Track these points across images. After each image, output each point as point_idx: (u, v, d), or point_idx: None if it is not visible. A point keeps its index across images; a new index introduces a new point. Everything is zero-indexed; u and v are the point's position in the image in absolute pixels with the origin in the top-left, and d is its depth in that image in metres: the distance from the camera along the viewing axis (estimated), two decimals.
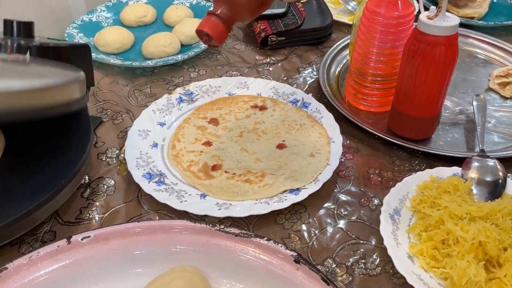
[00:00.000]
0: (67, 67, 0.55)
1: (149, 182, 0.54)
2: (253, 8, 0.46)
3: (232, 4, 0.45)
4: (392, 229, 0.49)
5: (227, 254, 0.46)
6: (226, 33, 0.47)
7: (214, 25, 0.45)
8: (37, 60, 0.53)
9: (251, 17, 0.48)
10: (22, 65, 0.50)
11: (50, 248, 0.44)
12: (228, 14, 0.45)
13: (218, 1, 0.46)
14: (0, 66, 0.48)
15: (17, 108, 0.43)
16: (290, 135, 0.63)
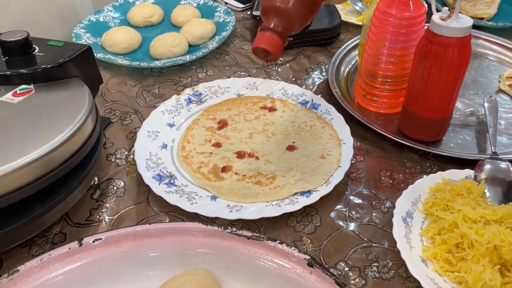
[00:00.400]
0: (74, 93, 0.55)
1: (159, 183, 0.54)
2: (304, 15, 0.46)
3: (283, 15, 0.45)
4: (405, 232, 0.49)
5: (239, 257, 0.45)
6: (283, 46, 0.46)
7: (270, 39, 0.45)
8: (41, 91, 0.54)
9: (303, 25, 0.47)
10: (33, 113, 0.51)
11: (62, 250, 0.44)
12: (281, 26, 0.45)
13: (269, 15, 0.46)
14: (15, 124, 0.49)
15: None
16: (300, 137, 0.62)
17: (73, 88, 0.56)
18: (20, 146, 0.46)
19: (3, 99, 0.52)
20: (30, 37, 0.57)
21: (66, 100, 0.53)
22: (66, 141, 0.48)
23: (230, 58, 0.82)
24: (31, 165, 0.45)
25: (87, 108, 0.52)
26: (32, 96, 0.53)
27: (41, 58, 0.57)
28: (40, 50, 0.58)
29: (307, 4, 0.45)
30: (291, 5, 0.45)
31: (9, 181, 0.44)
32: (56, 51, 0.58)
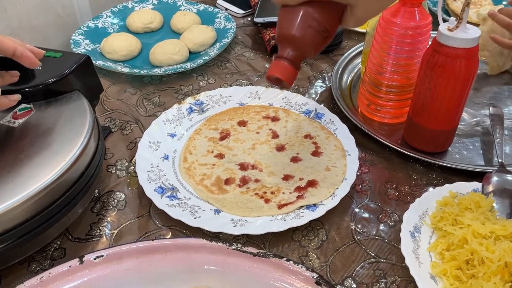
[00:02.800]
0: (74, 111, 0.53)
1: (162, 196, 0.53)
2: (318, 43, 0.46)
3: (298, 45, 0.45)
4: (413, 248, 0.48)
5: (245, 275, 0.44)
6: (296, 74, 0.46)
7: (284, 68, 0.45)
8: (41, 110, 0.53)
9: (317, 52, 0.47)
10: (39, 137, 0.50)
11: (62, 268, 0.43)
12: (295, 54, 0.45)
13: (284, 43, 0.46)
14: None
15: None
16: (304, 148, 0.61)
17: (73, 104, 0.54)
18: (26, 177, 0.45)
19: (3, 122, 0.51)
20: None
21: (66, 119, 0.52)
22: (71, 166, 0.47)
23: (231, 65, 0.81)
24: (37, 197, 0.44)
25: (89, 126, 0.51)
26: (33, 117, 0.52)
27: (40, 72, 0.55)
28: None
29: (320, 32, 0.45)
30: (304, 34, 0.45)
31: (16, 215, 0.43)
32: (55, 63, 0.57)
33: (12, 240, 0.44)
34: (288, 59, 0.45)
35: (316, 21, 0.44)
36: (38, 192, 0.44)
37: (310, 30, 0.45)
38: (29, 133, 0.50)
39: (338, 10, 0.45)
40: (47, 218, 0.46)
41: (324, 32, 0.45)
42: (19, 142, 0.49)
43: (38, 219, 0.45)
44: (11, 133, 0.50)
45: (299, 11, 0.45)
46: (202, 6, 0.94)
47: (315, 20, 0.44)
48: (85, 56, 0.58)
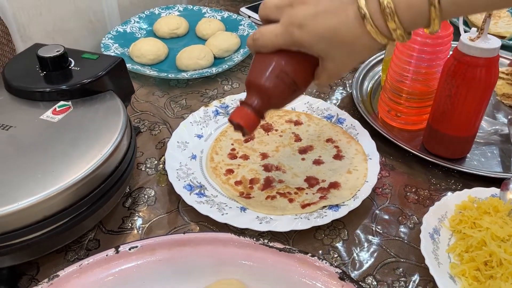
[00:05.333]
0: (109, 109, 0.56)
1: (190, 193, 0.55)
2: (285, 96, 0.45)
3: (264, 94, 0.44)
4: (432, 248, 0.50)
5: (270, 269, 0.46)
6: (258, 123, 0.46)
7: (246, 115, 0.45)
8: (78, 107, 0.55)
9: (284, 105, 0.47)
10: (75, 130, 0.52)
11: (99, 256, 0.45)
12: (261, 105, 0.45)
13: (251, 92, 0.45)
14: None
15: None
16: (326, 151, 0.63)
17: (108, 103, 0.57)
18: (64, 168, 0.47)
19: (44, 118, 0.53)
20: (66, 51, 0.58)
21: (102, 117, 0.54)
22: (106, 160, 0.49)
23: None
24: (74, 187, 0.46)
25: (122, 124, 0.53)
26: (70, 113, 0.54)
27: (78, 72, 0.58)
28: (75, 64, 0.59)
29: (287, 85, 0.44)
30: (272, 85, 0.44)
31: (55, 203, 0.45)
32: (91, 64, 0.59)
33: (51, 227, 0.46)
34: (253, 107, 0.45)
35: (284, 73, 0.43)
36: (75, 183, 0.46)
37: (278, 82, 0.43)
38: (67, 128, 0.53)
39: (309, 63, 0.44)
40: (83, 208, 0.48)
41: (292, 85, 0.44)
42: (58, 136, 0.52)
43: (75, 209, 0.47)
44: (51, 127, 0.53)
45: (269, 60, 0.44)
46: (226, 14, 0.97)
47: (284, 72, 0.43)
48: (120, 59, 0.61)
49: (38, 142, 0.51)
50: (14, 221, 0.44)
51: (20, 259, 0.47)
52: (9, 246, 0.44)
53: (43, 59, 0.57)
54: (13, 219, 0.44)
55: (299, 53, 0.43)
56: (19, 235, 0.44)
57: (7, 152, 0.49)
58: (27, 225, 0.44)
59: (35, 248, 0.47)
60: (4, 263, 0.47)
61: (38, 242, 0.46)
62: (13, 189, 0.44)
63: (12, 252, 0.45)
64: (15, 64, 0.60)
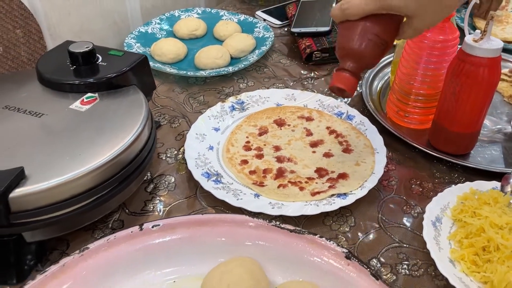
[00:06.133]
0: (132, 102, 0.60)
1: (208, 180, 0.59)
2: (377, 54, 0.50)
3: (358, 57, 0.49)
4: (434, 235, 0.53)
5: (282, 248, 0.50)
6: (357, 83, 0.51)
7: (345, 79, 0.50)
8: (104, 99, 0.59)
9: (376, 62, 0.52)
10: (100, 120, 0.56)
11: (125, 232, 0.49)
12: (356, 66, 0.50)
13: (345, 57, 0.50)
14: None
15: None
16: (335, 145, 0.67)
17: (131, 96, 0.61)
18: (90, 153, 0.51)
19: (73, 107, 0.58)
20: (94, 47, 0.62)
21: (125, 109, 0.58)
22: (128, 147, 0.53)
23: (268, 70, 0.88)
24: (99, 170, 0.50)
25: (144, 116, 0.57)
26: (97, 104, 0.59)
27: (104, 67, 0.62)
28: (103, 59, 0.63)
29: (378, 45, 0.49)
30: (364, 47, 0.49)
31: (81, 184, 0.49)
32: (117, 60, 0.64)
33: (78, 206, 0.50)
34: (349, 70, 0.50)
35: (375, 35, 0.48)
36: (99, 166, 0.50)
37: (370, 43, 0.48)
38: (93, 117, 0.57)
39: (395, 22, 0.49)
40: (106, 190, 0.52)
41: (382, 44, 0.49)
42: (85, 124, 0.56)
43: (99, 190, 0.51)
44: (79, 116, 0.57)
45: (359, 26, 0.48)
46: (242, 17, 1.01)
47: (374, 34, 0.48)
48: (143, 56, 0.66)
49: (67, 128, 0.55)
50: (45, 198, 0.48)
51: (50, 234, 0.52)
52: (40, 221, 0.48)
53: (74, 54, 0.62)
54: (44, 196, 0.47)
55: (386, 15, 0.47)
56: (49, 211, 0.48)
57: (39, 136, 0.53)
58: (56, 202, 0.48)
59: (64, 224, 0.51)
60: (36, 237, 0.51)
61: (66, 219, 0.50)
62: (44, 169, 0.48)
63: (42, 227, 0.49)
64: (48, 59, 0.65)
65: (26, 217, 0.48)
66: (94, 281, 0.47)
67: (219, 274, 0.47)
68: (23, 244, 0.50)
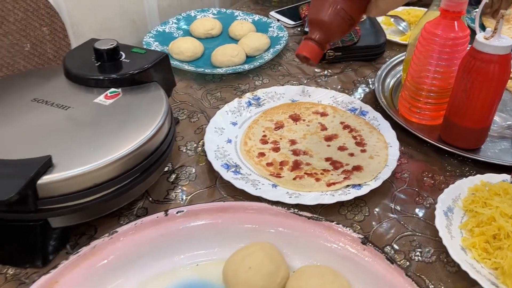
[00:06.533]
0: (153, 98, 0.62)
1: (227, 171, 0.62)
2: (344, 29, 0.54)
3: (325, 29, 0.53)
4: (446, 224, 0.55)
5: (299, 234, 0.52)
6: (321, 53, 0.54)
7: (311, 48, 0.53)
8: (127, 94, 0.62)
9: (341, 36, 0.55)
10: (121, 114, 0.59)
11: (151, 218, 0.52)
12: (322, 37, 0.53)
13: (313, 27, 0.54)
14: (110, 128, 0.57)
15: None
16: (350, 139, 0.69)
17: (152, 92, 0.63)
18: (113, 144, 0.53)
19: (97, 101, 0.60)
20: (118, 45, 0.65)
21: (147, 103, 0.61)
22: (149, 140, 0.55)
23: (283, 68, 0.90)
24: (121, 160, 0.52)
25: (164, 111, 0.59)
26: (120, 99, 0.61)
27: (127, 64, 0.65)
28: (126, 56, 0.66)
29: (345, 20, 0.53)
30: (331, 20, 0.52)
31: (105, 173, 0.52)
32: (139, 57, 0.66)
33: (102, 193, 0.52)
34: (316, 40, 0.53)
35: (343, 10, 0.52)
36: (122, 157, 0.52)
37: (337, 17, 0.52)
38: (116, 111, 0.59)
39: (363, 1, 0.53)
40: (129, 179, 0.54)
41: (349, 20, 0.53)
42: (109, 117, 0.58)
43: (124, 178, 0.54)
44: (103, 110, 0.59)
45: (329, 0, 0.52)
46: (256, 17, 1.04)
47: (342, 9, 0.52)
48: (164, 54, 0.68)
49: (91, 121, 0.57)
50: (70, 186, 0.50)
51: (76, 220, 0.54)
52: (66, 208, 0.51)
53: (99, 51, 0.65)
54: (69, 184, 0.50)
55: None
56: (74, 198, 0.51)
57: (66, 128, 0.56)
58: (81, 190, 0.51)
59: (89, 211, 0.54)
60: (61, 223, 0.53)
61: (91, 206, 0.52)
62: (70, 158, 0.51)
63: (68, 213, 0.51)
64: (74, 55, 0.68)
65: (53, 203, 0.50)
66: (123, 262, 0.49)
67: (241, 257, 0.49)
68: (49, 230, 0.53)
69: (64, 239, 0.55)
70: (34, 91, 0.61)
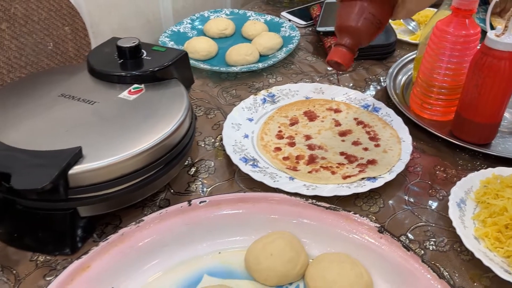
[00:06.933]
0: (174, 93, 0.64)
1: (246, 164, 0.64)
2: (372, 33, 0.56)
3: (354, 34, 0.55)
4: (459, 215, 0.56)
5: (318, 224, 0.54)
6: (352, 58, 0.56)
7: (342, 54, 0.55)
8: (149, 90, 0.64)
9: (371, 40, 0.57)
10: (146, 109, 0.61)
11: (175, 207, 0.54)
12: (352, 42, 0.55)
13: (342, 33, 0.56)
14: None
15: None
16: (363, 134, 0.71)
17: (173, 88, 0.65)
18: (139, 137, 0.56)
19: (121, 96, 0.62)
20: (140, 43, 0.67)
21: (168, 99, 0.63)
22: (172, 133, 0.57)
23: (295, 67, 0.92)
24: (147, 152, 0.55)
25: (186, 106, 0.62)
26: (143, 94, 0.63)
27: (148, 61, 0.67)
28: (147, 54, 0.68)
29: (374, 23, 0.55)
30: (360, 25, 0.54)
31: (131, 164, 0.54)
32: (160, 55, 0.68)
33: (128, 184, 0.55)
34: (346, 46, 0.55)
35: (371, 14, 0.54)
36: (149, 148, 0.55)
37: (366, 22, 0.54)
38: (140, 106, 0.61)
39: (390, 4, 0.54)
40: (154, 170, 0.57)
41: (377, 23, 0.55)
42: (133, 112, 0.60)
43: (149, 169, 0.56)
44: (127, 104, 0.61)
45: (356, 5, 0.54)
46: (268, 17, 1.06)
47: (370, 13, 0.54)
48: (184, 52, 0.70)
49: (117, 115, 0.60)
50: (99, 176, 0.52)
51: (103, 210, 0.56)
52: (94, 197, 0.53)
53: (122, 48, 0.67)
54: (98, 174, 0.52)
55: None
56: (102, 187, 0.53)
57: (93, 121, 0.58)
58: (109, 180, 0.53)
59: (115, 201, 0.56)
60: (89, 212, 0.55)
61: (118, 196, 0.54)
62: (99, 150, 0.53)
63: (96, 202, 0.54)
64: (97, 53, 0.70)
65: (82, 193, 0.52)
66: (149, 249, 0.51)
67: (262, 245, 0.51)
68: (77, 218, 0.55)
69: (91, 228, 0.57)
70: (61, 87, 0.64)
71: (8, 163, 0.49)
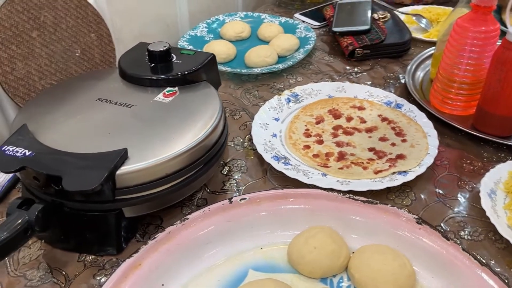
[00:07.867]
0: (207, 95, 0.65)
1: (278, 163, 0.66)
2: None
3: None
4: (491, 205, 0.58)
5: (356, 217, 0.56)
6: None
7: None
8: (182, 93, 0.65)
9: None
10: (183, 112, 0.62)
11: (217, 205, 0.56)
12: None
13: None
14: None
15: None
16: (389, 130, 0.73)
17: (205, 90, 0.66)
18: (179, 138, 0.57)
19: (157, 99, 0.64)
20: (170, 47, 0.69)
21: (202, 101, 0.64)
22: (209, 134, 0.59)
23: (314, 67, 0.94)
24: (187, 152, 0.56)
25: (220, 108, 0.63)
26: (178, 97, 0.64)
27: (178, 65, 0.68)
28: (177, 58, 0.70)
29: None
30: None
31: (174, 164, 0.55)
32: (189, 58, 0.70)
33: (172, 183, 0.56)
34: None
35: None
36: (189, 149, 0.56)
37: None
38: (176, 108, 0.62)
39: None
40: (194, 170, 0.58)
41: None
42: (170, 113, 0.61)
43: (190, 169, 0.57)
44: (164, 107, 0.63)
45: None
46: (283, 19, 1.08)
47: None
48: (212, 55, 0.72)
49: (155, 117, 0.61)
50: (143, 176, 0.54)
51: (146, 210, 0.57)
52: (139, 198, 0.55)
53: (153, 53, 0.69)
54: (143, 175, 0.53)
55: None
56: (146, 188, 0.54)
57: (133, 124, 0.59)
58: (153, 180, 0.54)
59: (158, 201, 0.57)
60: (133, 212, 0.57)
61: (160, 196, 0.56)
62: (142, 151, 0.54)
63: (140, 203, 0.55)
64: (127, 57, 0.71)
65: (128, 193, 0.54)
66: (194, 246, 0.53)
67: (304, 239, 0.53)
68: (122, 219, 0.57)
69: (134, 228, 0.58)
70: (96, 91, 0.65)
71: (58, 166, 0.51)
